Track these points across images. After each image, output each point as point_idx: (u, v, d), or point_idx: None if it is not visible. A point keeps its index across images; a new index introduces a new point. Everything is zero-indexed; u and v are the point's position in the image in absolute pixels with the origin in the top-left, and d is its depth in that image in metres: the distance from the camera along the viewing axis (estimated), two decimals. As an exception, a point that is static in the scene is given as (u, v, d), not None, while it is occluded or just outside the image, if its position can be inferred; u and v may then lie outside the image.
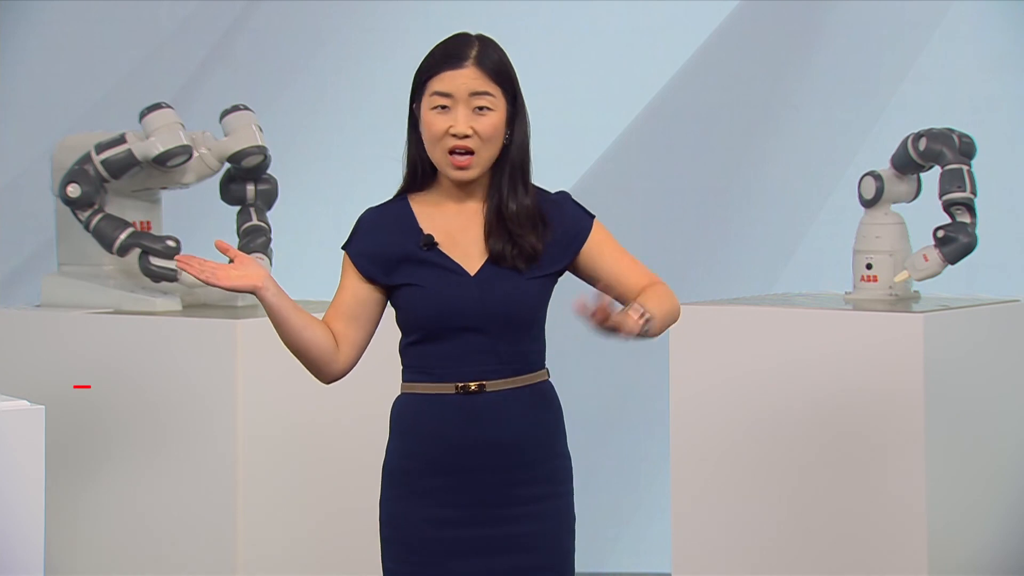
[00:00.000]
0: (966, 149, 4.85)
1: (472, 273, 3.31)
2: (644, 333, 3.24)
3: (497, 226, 3.32)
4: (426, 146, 3.31)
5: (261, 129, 4.97)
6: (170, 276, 4.81)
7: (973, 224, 4.78)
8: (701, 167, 6.92)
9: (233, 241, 5.05)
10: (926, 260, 4.80)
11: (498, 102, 3.29)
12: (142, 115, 4.85)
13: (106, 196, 4.85)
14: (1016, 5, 6.66)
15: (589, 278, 3.38)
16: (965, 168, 4.79)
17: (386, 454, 3.38)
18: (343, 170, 7.06)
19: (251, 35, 7.16)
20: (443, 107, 3.29)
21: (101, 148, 4.80)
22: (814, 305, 4.81)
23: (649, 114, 6.98)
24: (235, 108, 4.97)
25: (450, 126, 3.27)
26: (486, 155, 3.29)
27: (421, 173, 3.36)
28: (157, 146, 4.79)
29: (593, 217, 3.40)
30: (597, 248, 3.38)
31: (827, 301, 4.92)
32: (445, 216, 3.35)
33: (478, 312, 3.28)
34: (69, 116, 6.86)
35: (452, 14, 6.90)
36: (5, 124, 7.02)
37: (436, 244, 3.32)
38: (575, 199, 3.42)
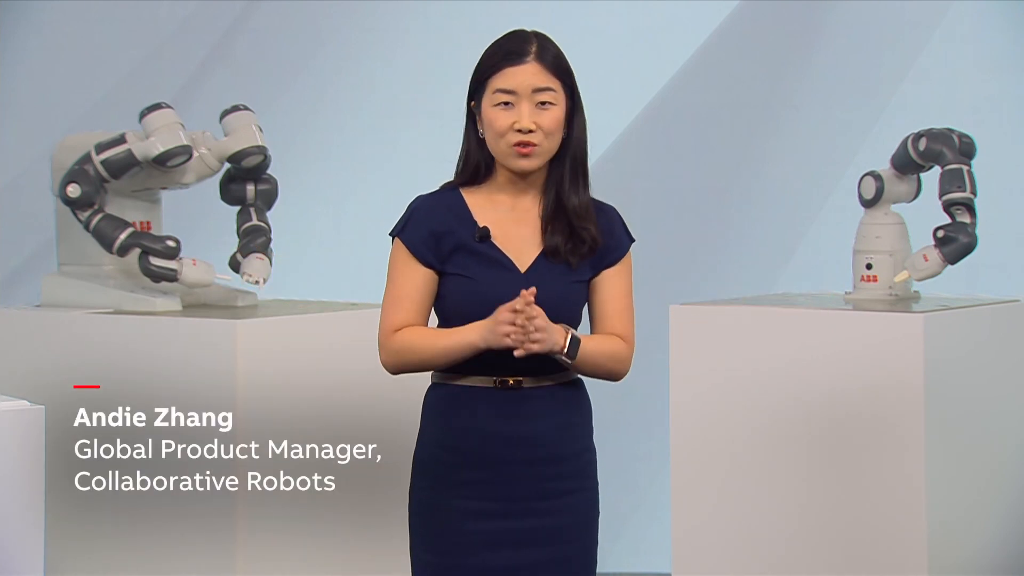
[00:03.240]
0: (966, 149, 4.85)
1: (523, 270, 3.33)
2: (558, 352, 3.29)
3: (555, 220, 3.35)
4: (489, 142, 3.33)
5: (261, 129, 4.96)
6: (170, 276, 4.80)
7: (973, 224, 4.78)
8: (701, 167, 6.92)
9: (233, 241, 5.05)
10: (926, 260, 4.80)
11: (559, 96, 3.34)
12: (142, 115, 4.85)
13: (106, 196, 4.85)
14: (1016, 5, 6.66)
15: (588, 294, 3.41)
16: (965, 168, 4.79)
17: (418, 443, 3.40)
18: (343, 170, 7.06)
19: (251, 35, 7.16)
20: (506, 103, 3.31)
21: (101, 148, 4.79)
22: (814, 305, 4.81)
23: (649, 114, 6.99)
24: (235, 108, 4.96)
25: (514, 121, 3.30)
26: (548, 147, 3.33)
27: (484, 169, 3.37)
28: (157, 146, 4.78)
29: (632, 242, 3.42)
30: (614, 273, 3.40)
31: (827, 301, 4.92)
32: (498, 210, 3.37)
33: None
34: (69, 116, 6.86)
35: (452, 14, 6.91)
36: (5, 124, 7.02)
37: (490, 236, 3.33)
38: (622, 217, 3.45)
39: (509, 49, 3.34)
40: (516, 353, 3.23)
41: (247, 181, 5.05)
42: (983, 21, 6.70)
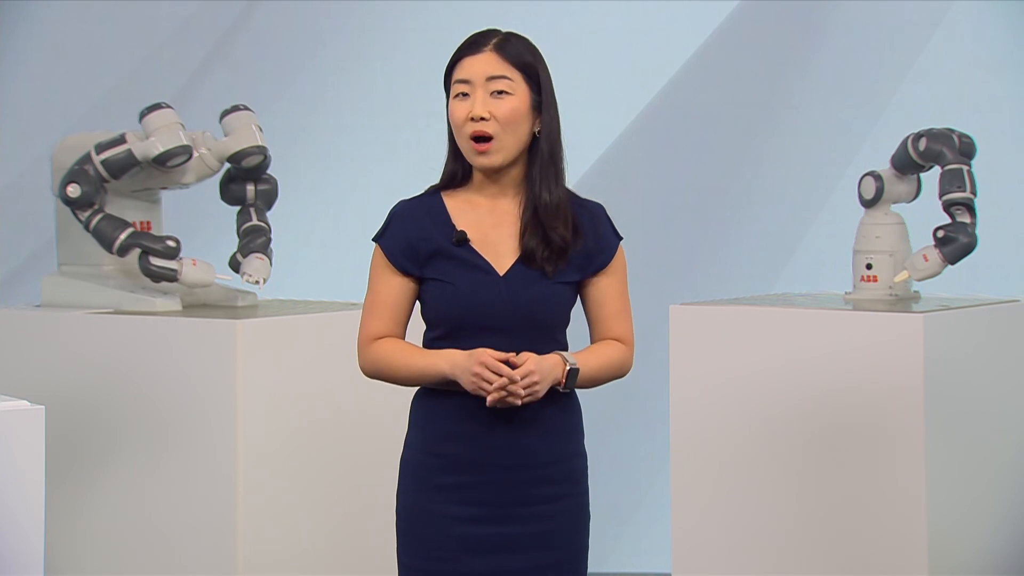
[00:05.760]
0: (966, 149, 4.85)
1: (501, 273, 3.32)
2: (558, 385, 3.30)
3: (533, 222, 3.33)
4: (454, 136, 3.34)
5: (261, 129, 4.96)
6: (170, 276, 4.81)
7: (973, 224, 4.78)
8: (701, 167, 6.92)
9: (233, 241, 5.05)
10: (926, 260, 4.80)
11: (517, 87, 3.31)
12: (142, 115, 4.85)
13: (106, 196, 4.85)
14: (1016, 5, 6.66)
15: (581, 296, 3.41)
16: (965, 168, 4.79)
17: (404, 447, 3.39)
18: (343, 170, 7.06)
19: (251, 35, 7.16)
20: (464, 95, 3.31)
21: (101, 148, 4.79)
22: (814, 305, 4.81)
23: (649, 114, 6.98)
24: (235, 108, 4.96)
25: (469, 111, 3.29)
26: (508, 140, 3.30)
27: (462, 173, 3.37)
28: (157, 146, 4.78)
29: (620, 239, 3.41)
30: (606, 275, 3.39)
31: (827, 301, 4.92)
32: (478, 213, 3.36)
33: (505, 313, 3.29)
34: (69, 116, 6.86)
35: (452, 14, 6.91)
36: (5, 124, 7.02)
37: (468, 240, 3.33)
38: (608, 215, 3.43)
39: (470, 42, 3.35)
40: (488, 404, 3.24)
41: (247, 181, 5.05)
42: (983, 21, 6.70)
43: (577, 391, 3.41)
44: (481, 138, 3.29)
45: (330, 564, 4.75)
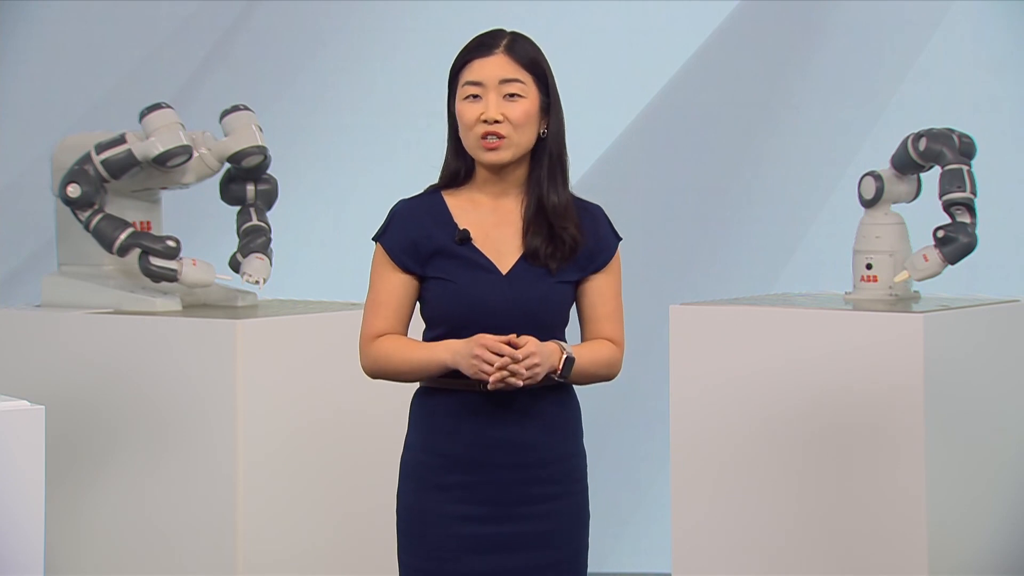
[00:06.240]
0: (966, 149, 4.85)
1: (504, 271, 3.32)
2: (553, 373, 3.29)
3: (536, 221, 3.34)
4: (461, 138, 3.33)
5: (261, 129, 4.96)
6: (170, 276, 4.81)
7: (973, 224, 4.78)
8: (701, 167, 6.92)
9: (233, 241, 5.05)
10: (926, 260, 4.80)
11: (529, 90, 3.32)
12: (142, 115, 4.85)
13: (106, 196, 4.85)
14: (1016, 5, 6.66)
15: (576, 296, 3.41)
16: (965, 168, 4.79)
17: (404, 447, 3.39)
18: (343, 170, 7.07)
19: (251, 35, 7.16)
20: (475, 96, 3.31)
21: (101, 148, 4.79)
22: (814, 305, 4.81)
23: (649, 114, 6.99)
24: (235, 108, 4.97)
25: (481, 113, 3.29)
26: (518, 140, 3.31)
27: (465, 172, 3.37)
28: (157, 146, 4.78)
29: (620, 240, 3.41)
30: (602, 276, 3.39)
31: (827, 301, 4.92)
32: (479, 212, 3.36)
33: (508, 312, 3.29)
34: (69, 116, 6.86)
35: (452, 14, 6.91)
36: (5, 124, 7.02)
37: (470, 239, 3.33)
38: (607, 216, 3.43)
39: (479, 43, 3.35)
40: (490, 387, 3.24)
41: (247, 181, 5.05)
42: (983, 21, 6.70)
43: (576, 390, 3.41)
44: (491, 137, 3.30)
45: (330, 564, 4.75)
